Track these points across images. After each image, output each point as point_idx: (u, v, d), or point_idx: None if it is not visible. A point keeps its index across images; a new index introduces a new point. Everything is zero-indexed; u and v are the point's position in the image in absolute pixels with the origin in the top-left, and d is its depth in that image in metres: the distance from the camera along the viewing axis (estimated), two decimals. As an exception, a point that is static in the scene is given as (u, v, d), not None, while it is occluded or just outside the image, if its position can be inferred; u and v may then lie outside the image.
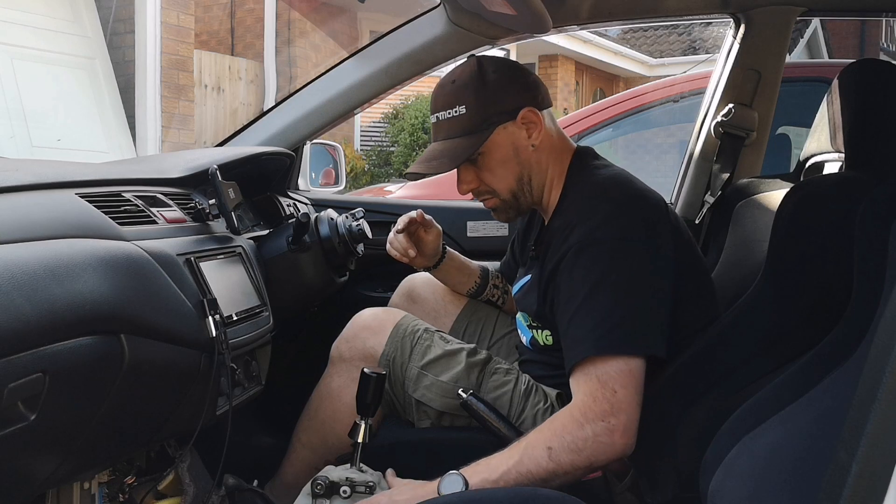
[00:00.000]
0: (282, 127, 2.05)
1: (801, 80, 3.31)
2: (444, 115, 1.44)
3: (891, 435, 0.64)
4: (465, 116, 1.42)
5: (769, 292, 1.25)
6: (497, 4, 1.63)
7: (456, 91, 1.44)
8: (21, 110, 5.44)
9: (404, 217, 1.68)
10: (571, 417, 1.26)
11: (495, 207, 1.50)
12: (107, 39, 6.22)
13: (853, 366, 0.91)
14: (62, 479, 1.16)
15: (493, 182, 1.46)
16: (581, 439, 1.23)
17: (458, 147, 1.42)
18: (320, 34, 8.48)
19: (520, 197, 1.47)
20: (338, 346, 1.61)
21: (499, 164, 1.44)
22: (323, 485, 1.22)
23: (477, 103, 1.41)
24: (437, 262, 1.76)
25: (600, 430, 1.23)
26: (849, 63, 1.26)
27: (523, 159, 1.45)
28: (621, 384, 1.26)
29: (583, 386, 1.28)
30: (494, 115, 1.42)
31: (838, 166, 1.54)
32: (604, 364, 1.27)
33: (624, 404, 1.25)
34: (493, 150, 1.43)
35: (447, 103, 1.44)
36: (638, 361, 1.28)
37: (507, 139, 1.43)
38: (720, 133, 2.07)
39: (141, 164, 1.77)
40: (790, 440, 0.94)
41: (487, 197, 1.49)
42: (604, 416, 1.24)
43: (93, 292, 0.99)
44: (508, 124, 1.42)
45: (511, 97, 1.43)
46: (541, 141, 1.44)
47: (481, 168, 1.45)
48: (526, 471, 1.23)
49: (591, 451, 1.23)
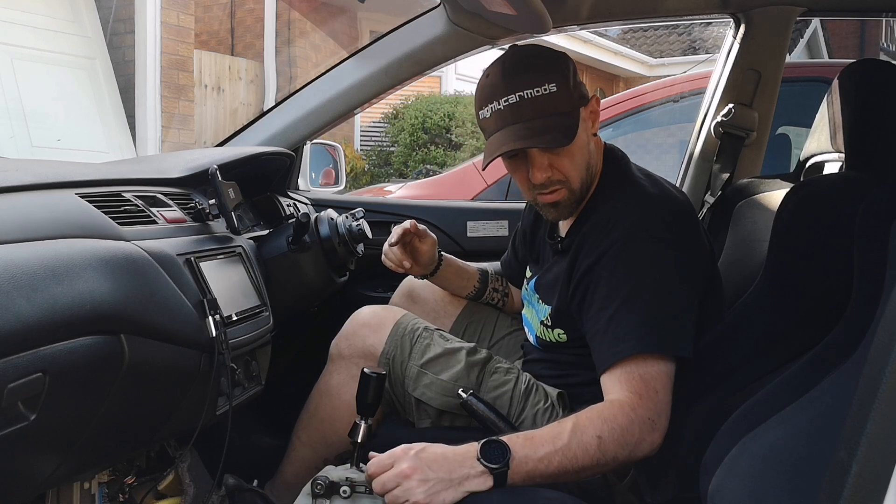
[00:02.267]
0: (282, 127, 2.05)
1: (801, 80, 3.30)
2: (531, 92, 1.33)
3: (891, 435, 0.64)
4: (556, 95, 1.33)
5: (769, 292, 1.25)
6: (497, 4, 1.63)
7: (543, 68, 1.36)
8: (21, 110, 5.44)
9: (398, 228, 1.67)
10: (622, 411, 1.25)
11: (560, 201, 1.40)
12: (107, 39, 6.21)
13: (853, 366, 0.91)
14: (62, 479, 1.16)
15: (571, 169, 1.37)
16: (629, 433, 1.23)
17: (561, 123, 1.34)
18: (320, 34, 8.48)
19: (584, 189, 1.42)
20: (337, 344, 1.61)
21: (578, 150, 1.37)
22: (323, 485, 1.21)
23: (565, 83, 1.35)
24: (434, 270, 1.76)
25: (647, 429, 1.24)
26: (849, 63, 1.26)
27: (591, 147, 1.42)
28: (662, 385, 1.27)
29: (626, 384, 1.28)
30: (578, 97, 1.38)
31: (838, 166, 1.54)
32: (646, 363, 1.27)
33: (664, 406, 1.26)
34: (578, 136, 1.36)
35: (534, 81, 1.33)
36: (672, 363, 1.29)
37: (584, 125, 1.39)
38: (720, 133, 2.07)
39: (141, 164, 1.77)
40: (790, 440, 0.94)
41: (558, 187, 1.39)
42: (651, 416, 1.25)
43: (93, 292, 0.99)
44: (583, 109, 1.39)
45: (581, 83, 1.41)
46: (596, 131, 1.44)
47: (562, 154, 1.36)
48: (572, 455, 1.21)
49: (633, 448, 1.24)
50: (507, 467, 1.18)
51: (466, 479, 1.17)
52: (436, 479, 1.16)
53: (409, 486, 1.16)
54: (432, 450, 1.21)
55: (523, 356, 1.66)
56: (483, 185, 3.33)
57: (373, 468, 1.20)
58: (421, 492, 1.15)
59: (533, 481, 1.21)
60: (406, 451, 1.20)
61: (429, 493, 1.15)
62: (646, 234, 1.33)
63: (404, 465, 1.17)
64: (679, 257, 1.34)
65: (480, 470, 1.17)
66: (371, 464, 1.21)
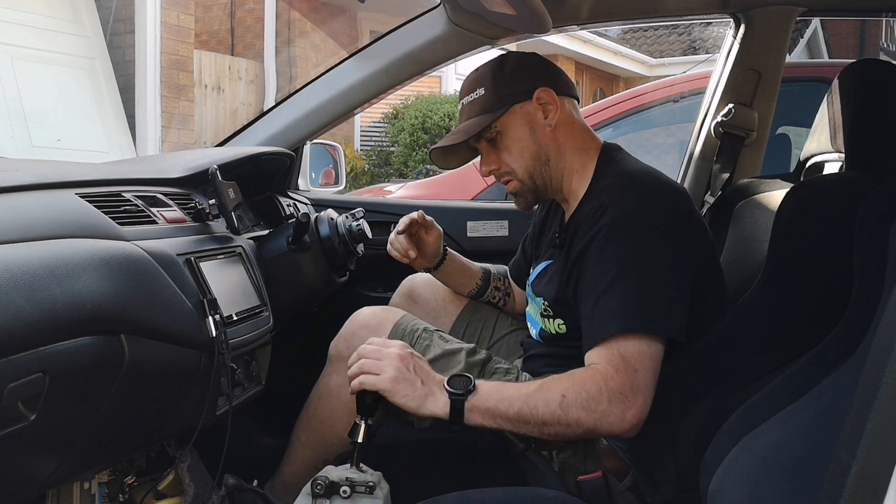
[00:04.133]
0: (282, 127, 2.05)
1: (801, 80, 3.30)
2: (467, 99, 1.52)
3: (891, 435, 0.64)
4: (483, 97, 1.48)
5: (769, 292, 1.25)
6: (497, 4, 1.64)
7: (477, 77, 1.52)
8: (21, 110, 5.44)
9: (405, 218, 1.69)
10: (593, 378, 1.27)
11: (515, 191, 1.53)
12: (107, 39, 6.21)
13: (853, 366, 0.91)
14: (62, 479, 1.16)
15: (511, 161, 1.49)
16: (596, 401, 1.25)
17: (473, 123, 1.48)
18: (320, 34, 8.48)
19: (537, 179, 1.49)
20: (336, 345, 1.61)
21: (515, 142, 1.48)
22: (323, 485, 1.21)
23: (494, 84, 1.48)
24: (437, 264, 1.77)
25: (616, 401, 1.25)
26: (849, 63, 1.26)
27: (540, 138, 1.48)
28: (642, 365, 1.27)
29: (605, 358, 1.29)
30: (510, 94, 1.47)
31: (838, 166, 1.54)
32: (626, 342, 1.28)
33: (643, 386, 1.26)
34: (509, 129, 1.48)
35: (469, 88, 1.52)
36: (659, 346, 1.29)
37: (523, 118, 1.47)
38: (720, 133, 2.07)
39: (141, 164, 1.77)
40: (790, 440, 0.94)
41: (508, 178, 1.52)
42: (623, 390, 1.25)
43: (93, 292, 0.99)
44: (525, 104, 1.47)
45: (527, 79, 1.49)
46: (559, 122, 1.48)
47: (500, 148, 1.49)
48: (533, 405, 1.26)
49: (599, 417, 1.25)
50: (464, 397, 1.27)
51: (429, 395, 1.28)
52: (408, 378, 1.28)
53: (384, 364, 1.28)
54: (423, 362, 1.33)
55: (523, 354, 1.66)
56: (483, 185, 3.33)
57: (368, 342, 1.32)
58: (389, 377, 1.27)
59: (493, 421, 1.27)
60: (405, 347, 1.33)
61: (394, 382, 1.27)
62: (636, 220, 1.34)
63: (395, 349, 1.31)
64: (670, 244, 1.34)
65: (443, 395, 1.28)
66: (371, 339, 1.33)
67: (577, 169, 1.49)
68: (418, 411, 1.28)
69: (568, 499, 1.31)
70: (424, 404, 1.28)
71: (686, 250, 1.36)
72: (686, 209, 1.42)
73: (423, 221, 1.71)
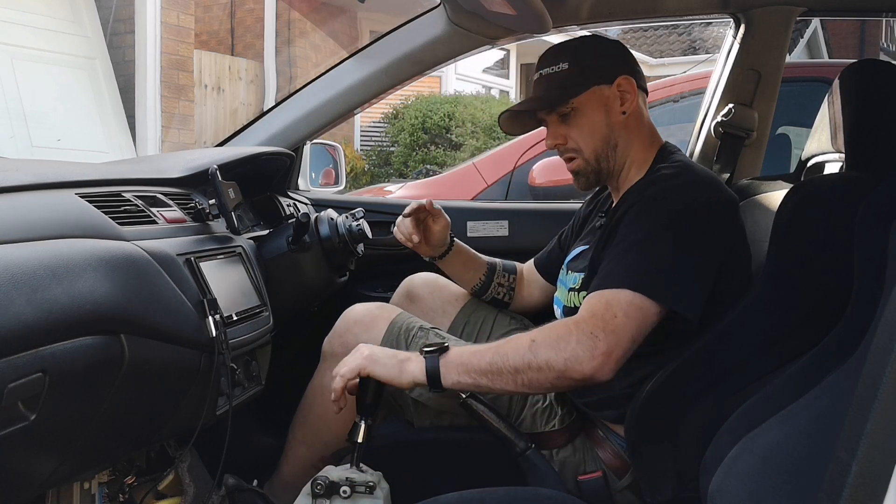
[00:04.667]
0: (282, 127, 2.05)
1: (801, 80, 3.31)
2: (547, 70, 1.50)
3: (891, 435, 0.64)
4: (565, 72, 1.47)
5: (770, 293, 1.25)
6: (497, 4, 1.64)
7: (561, 51, 1.50)
8: (21, 110, 5.44)
9: (414, 203, 1.71)
10: (565, 323, 1.30)
11: (577, 170, 1.52)
12: (107, 39, 6.21)
13: (853, 366, 0.91)
14: (62, 479, 1.16)
15: (580, 140, 1.49)
16: (564, 340, 1.25)
17: (552, 95, 1.48)
18: (320, 34, 8.48)
19: (602, 162, 1.49)
20: (330, 342, 1.61)
21: (588, 123, 1.48)
22: (323, 485, 1.21)
23: (579, 62, 1.47)
24: (443, 254, 1.77)
25: (584, 340, 1.25)
26: (849, 63, 1.26)
27: (612, 123, 1.48)
28: (625, 313, 1.27)
29: (587, 304, 1.30)
30: (593, 75, 1.47)
31: (839, 167, 1.54)
32: (621, 293, 1.28)
33: (619, 330, 1.26)
34: (586, 109, 1.47)
35: (551, 60, 1.50)
36: (656, 310, 1.28)
37: (600, 100, 1.47)
38: (720, 133, 2.07)
39: (141, 164, 1.77)
40: (790, 440, 0.94)
41: (572, 156, 1.51)
42: (593, 330, 1.25)
43: (93, 292, 0.99)
44: (605, 87, 1.47)
45: (611, 64, 1.49)
46: (632, 112, 1.48)
47: (571, 125, 1.49)
48: (503, 353, 1.28)
49: (568, 356, 1.24)
50: (437, 353, 1.31)
51: (406, 361, 1.32)
52: (383, 353, 1.35)
53: (358, 352, 1.35)
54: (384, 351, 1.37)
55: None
56: (483, 185, 3.34)
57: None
58: (364, 355, 1.33)
59: (469, 377, 1.29)
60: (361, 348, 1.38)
61: (370, 358, 1.33)
62: (679, 197, 1.36)
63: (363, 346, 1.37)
64: (701, 229, 1.34)
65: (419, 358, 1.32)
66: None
67: (638, 160, 1.50)
68: (400, 379, 1.31)
69: (568, 499, 1.31)
70: (403, 370, 1.31)
71: (715, 242, 1.35)
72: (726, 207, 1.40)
73: (430, 209, 1.71)
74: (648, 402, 1.33)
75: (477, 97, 8.55)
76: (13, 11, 5.53)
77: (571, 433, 1.47)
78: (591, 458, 1.44)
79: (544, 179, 3.22)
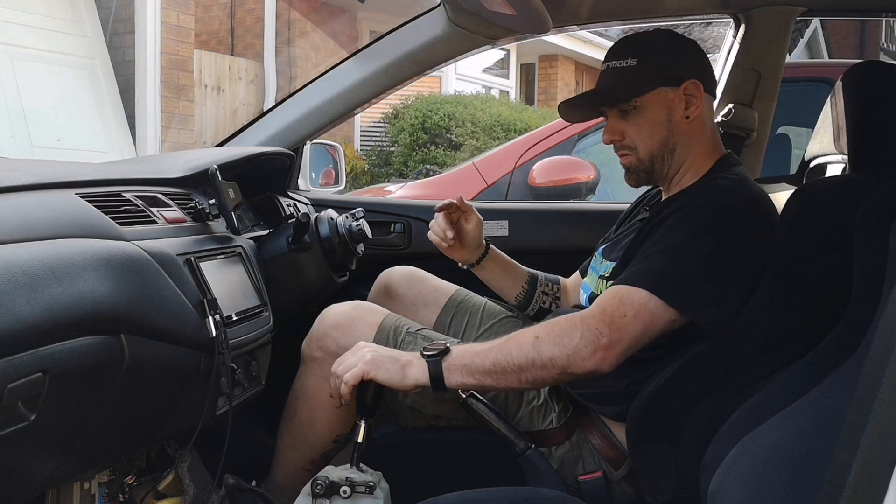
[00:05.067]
0: (282, 127, 2.05)
1: (801, 80, 3.31)
2: (615, 63, 1.48)
3: (891, 435, 0.64)
4: (632, 69, 1.45)
5: (772, 294, 1.25)
6: (497, 4, 1.64)
7: (632, 45, 1.48)
8: (21, 110, 5.44)
9: (445, 201, 1.68)
10: (570, 319, 1.29)
11: (629, 166, 1.50)
12: (107, 39, 6.21)
13: (853, 366, 0.91)
14: (62, 479, 1.16)
15: (638, 139, 1.46)
16: (568, 336, 1.25)
17: (616, 91, 1.46)
18: (320, 34, 8.48)
19: (656, 163, 1.47)
20: (308, 345, 1.57)
21: (649, 123, 1.45)
22: (323, 485, 1.21)
23: (648, 60, 1.45)
24: (479, 258, 1.74)
25: (588, 335, 1.25)
26: (850, 63, 1.26)
27: (674, 126, 1.45)
28: (636, 313, 1.27)
29: (602, 298, 1.30)
30: (661, 75, 1.44)
31: (841, 168, 1.54)
32: (635, 292, 1.28)
33: (624, 328, 1.26)
34: (648, 108, 1.45)
35: (620, 54, 1.48)
36: (669, 312, 1.28)
37: (664, 102, 1.45)
38: (720, 133, 2.07)
39: (141, 164, 1.77)
40: (790, 440, 0.94)
41: (626, 153, 1.49)
42: (598, 326, 1.25)
43: (93, 292, 0.99)
44: (671, 89, 1.44)
45: (681, 66, 1.46)
46: (696, 117, 1.46)
47: (630, 122, 1.46)
48: (507, 351, 1.28)
49: (571, 352, 1.25)
50: (440, 357, 1.30)
51: (408, 365, 1.30)
52: (385, 355, 1.32)
53: (360, 353, 1.33)
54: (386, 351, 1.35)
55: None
56: (483, 185, 3.33)
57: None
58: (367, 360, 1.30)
59: (473, 377, 1.29)
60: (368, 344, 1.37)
61: (373, 362, 1.30)
62: (722, 210, 1.34)
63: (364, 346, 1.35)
64: (739, 248, 1.32)
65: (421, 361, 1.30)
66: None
67: (695, 166, 1.48)
68: (403, 383, 1.30)
69: (568, 499, 1.31)
70: (406, 375, 1.30)
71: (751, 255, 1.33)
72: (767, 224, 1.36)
73: (462, 206, 1.68)
74: (650, 401, 1.33)
75: (477, 97, 8.56)
76: (13, 11, 5.53)
77: (569, 430, 1.47)
78: (589, 453, 1.44)
79: (544, 179, 3.22)
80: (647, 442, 1.35)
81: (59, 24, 5.88)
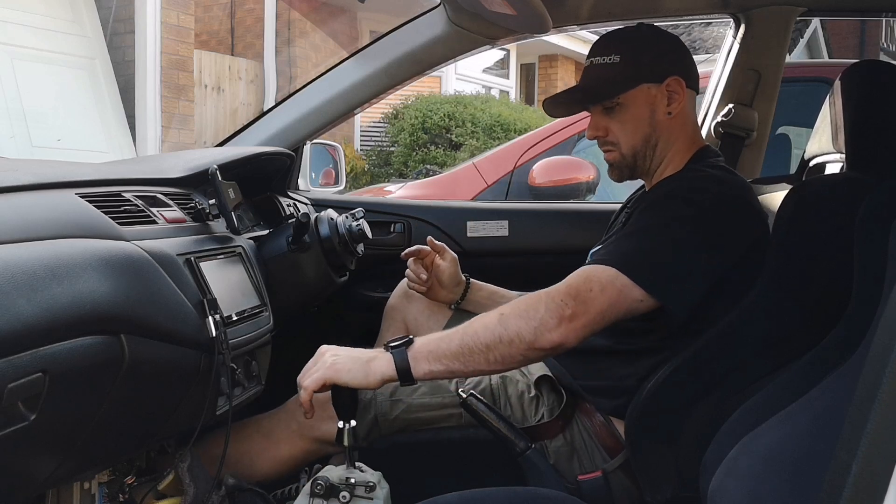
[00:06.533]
0: (282, 127, 2.05)
1: (801, 80, 3.30)
2: (598, 59, 1.49)
3: (891, 435, 0.64)
4: (615, 66, 1.46)
5: (770, 293, 1.25)
6: (497, 4, 1.64)
7: (615, 42, 1.50)
8: (21, 110, 5.44)
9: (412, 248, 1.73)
10: (535, 293, 1.29)
11: (612, 161, 1.53)
12: (107, 39, 6.21)
13: (853, 366, 0.91)
14: (62, 479, 1.16)
15: (621, 135, 1.48)
16: (533, 309, 1.25)
17: (599, 88, 1.48)
18: (320, 34, 8.48)
19: (639, 159, 1.50)
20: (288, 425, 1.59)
21: (631, 119, 1.47)
22: (323, 485, 1.21)
23: (631, 57, 1.46)
24: (462, 295, 1.76)
25: (553, 307, 1.25)
26: (849, 63, 1.26)
27: (656, 123, 1.47)
28: (602, 288, 1.27)
29: (569, 277, 1.30)
30: (643, 72, 1.46)
31: (840, 167, 1.54)
32: (603, 269, 1.29)
33: (589, 301, 1.26)
34: (631, 105, 1.47)
35: (603, 50, 1.49)
36: (636, 290, 1.28)
37: (647, 98, 1.46)
38: (720, 133, 2.07)
39: (141, 164, 1.77)
40: (790, 440, 0.94)
41: (610, 149, 1.51)
42: (564, 298, 1.25)
43: (93, 292, 0.99)
44: (654, 86, 1.46)
45: (664, 63, 1.48)
46: (678, 113, 1.47)
47: (614, 119, 1.48)
48: (472, 332, 1.26)
49: (537, 324, 1.24)
50: (404, 346, 1.26)
51: (372, 360, 1.26)
52: (346, 357, 1.27)
53: (322, 359, 1.28)
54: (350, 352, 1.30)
55: None
56: (483, 185, 3.33)
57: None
58: (327, 365, 1.26)
59: (440, 363, 1.25)
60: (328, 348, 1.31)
61: (333, 367, 1.25)
62: (697, 198, 1.36)
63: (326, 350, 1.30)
64: (711, 231, 1.33)
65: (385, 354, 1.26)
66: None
67: (675, 160, 1.50)
68: (368, 380, 1.25)
69: (568, 499, 1.31)
70: (370, 371, 1.25)
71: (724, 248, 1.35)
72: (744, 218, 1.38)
73: (434, 247, 1.71)
74: (649, 400, 1.33)
75: (477, 97, 8.55)
76: (13, 11, 5.53)
77: (563, 423, 1.47)
78: (584, 446, 1.45)
79: (544, 179, 3.22)
80: (647, 441, 1.35)
81: (59, 24, 5.88)
